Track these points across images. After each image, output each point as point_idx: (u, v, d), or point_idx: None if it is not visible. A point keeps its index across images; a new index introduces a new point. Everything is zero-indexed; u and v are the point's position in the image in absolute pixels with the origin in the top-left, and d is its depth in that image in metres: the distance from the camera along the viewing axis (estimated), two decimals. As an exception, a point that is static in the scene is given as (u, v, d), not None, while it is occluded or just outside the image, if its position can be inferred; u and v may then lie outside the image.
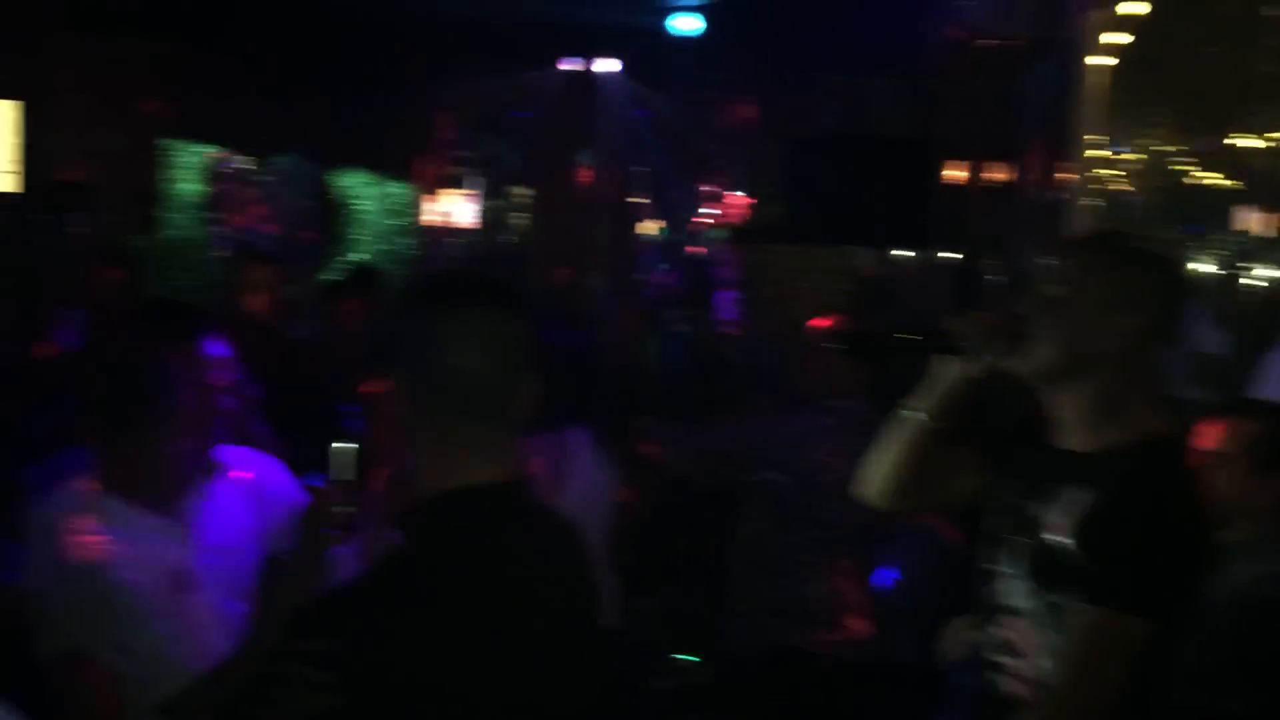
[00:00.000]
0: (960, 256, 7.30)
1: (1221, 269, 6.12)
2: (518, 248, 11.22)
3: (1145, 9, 4.75)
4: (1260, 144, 6.22)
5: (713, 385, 7.57)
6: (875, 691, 3.69)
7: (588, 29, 8.35)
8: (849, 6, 7.44)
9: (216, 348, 2.29)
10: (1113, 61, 3.26)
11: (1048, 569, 1.90)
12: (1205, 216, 7.26)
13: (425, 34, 8.40)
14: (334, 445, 1.91)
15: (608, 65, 9.09)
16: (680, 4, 8.08)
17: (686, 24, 8.36)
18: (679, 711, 3.84)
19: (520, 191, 11.32)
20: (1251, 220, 6.48)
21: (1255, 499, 2.57)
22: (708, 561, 4.21)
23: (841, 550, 3.74)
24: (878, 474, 2.15)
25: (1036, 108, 5.41)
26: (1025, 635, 1.92)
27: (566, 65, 9.01)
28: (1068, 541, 1.87)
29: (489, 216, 11.37)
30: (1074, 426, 1.95)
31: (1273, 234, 6.16)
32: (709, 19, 8.33)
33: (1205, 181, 7.18)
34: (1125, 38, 4.74)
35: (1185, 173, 7.26)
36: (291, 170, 10.41)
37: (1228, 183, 6.82)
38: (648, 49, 8.51)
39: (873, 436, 2.13)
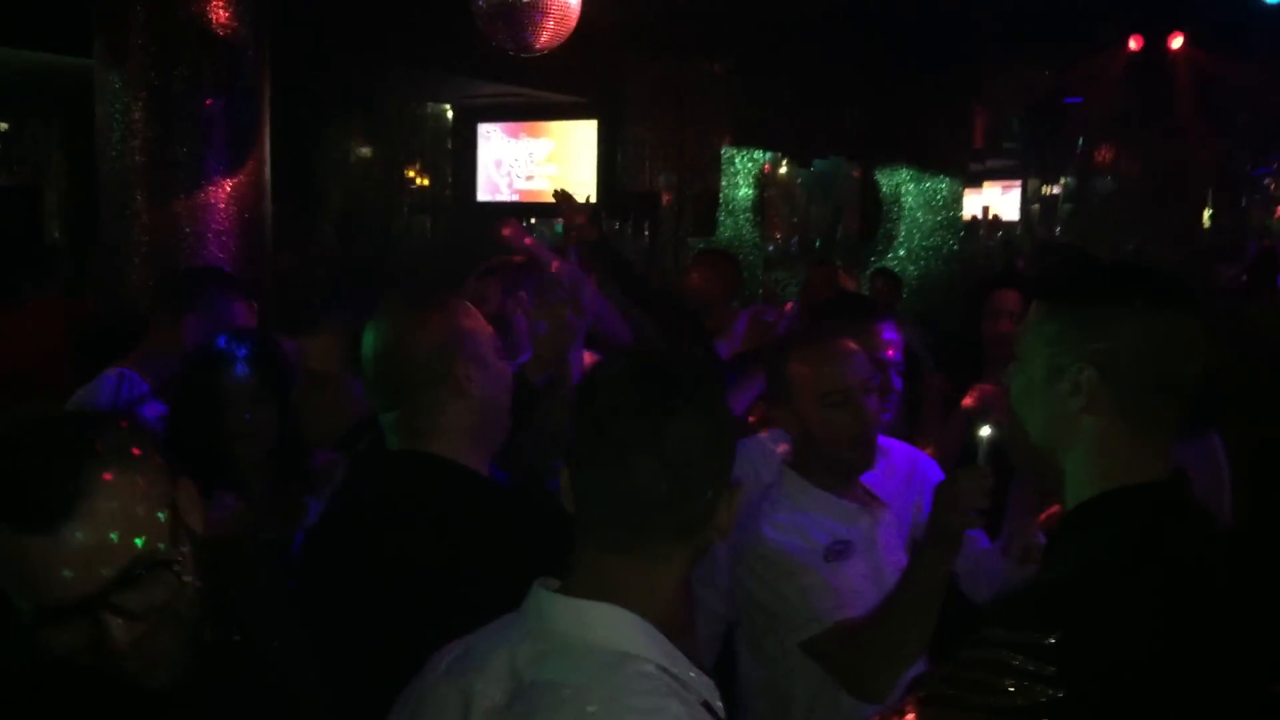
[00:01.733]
0: None
1: None
2: (1064, 238, 10.72)
3: None
4: None
5: None
6: None
7: (1152, 3, 7.78)
8: None
9: (890, 332, 2.44)
10: None
11: None
12: None
13: (973, 23, 8.27)
14: (983, 432, 1.99)
15: (1178, 40, 8.39)
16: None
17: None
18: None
19: (1068, 181, 10.81)
20: None
21: None
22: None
23: None
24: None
25: None
26: None
27: (1133, 43, 8.42)
28: None
29: (1035, 209, 10.96)
30: None
31: None
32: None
33: None
34: None
35: None
36: (835, 171, 10.69)
37: None
38: (1225, 18, 7.77)
39: None
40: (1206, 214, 10.04)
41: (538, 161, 9.13)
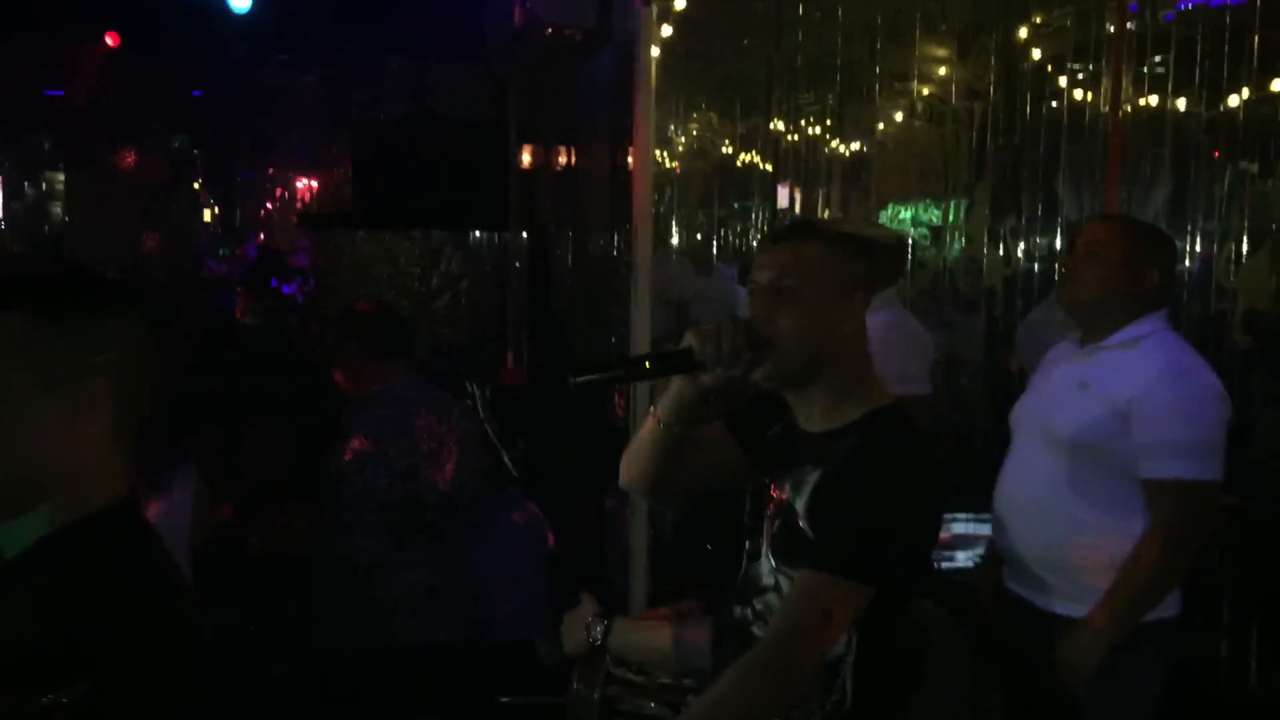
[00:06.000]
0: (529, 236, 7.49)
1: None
2: (58, 239, 10.27)
3: (683, 3, 5.10)
4: (790, 128, 6.95)
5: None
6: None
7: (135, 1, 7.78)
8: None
9: None
10: (662, 51, 3.48)
11: (787, 548, 1.93)
12: (749, 194, 8.02)
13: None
14: None
15: (155, 40, 8.51)
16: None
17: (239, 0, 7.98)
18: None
19: (57, 178, 10.34)
20: (785, 196, 7.24)
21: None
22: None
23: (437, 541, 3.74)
24: (631, 470, 2.14)
25: (598, 95, 5.74)
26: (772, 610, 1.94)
27: (109, 39, 8.32)
28: (803, 521, 1.90)
29: (24, 206, 10.31)
30: (813, 412, 1.97)
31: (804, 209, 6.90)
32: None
33: (746, 162, 7.92)
34: (669, 29, 5.10)
35: (731, 154, 7.96)
36: None
37: (766, 164, 7.57)
38: (202, 25, 8.06)
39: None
40: (208, 213, 10.42)
41: None
